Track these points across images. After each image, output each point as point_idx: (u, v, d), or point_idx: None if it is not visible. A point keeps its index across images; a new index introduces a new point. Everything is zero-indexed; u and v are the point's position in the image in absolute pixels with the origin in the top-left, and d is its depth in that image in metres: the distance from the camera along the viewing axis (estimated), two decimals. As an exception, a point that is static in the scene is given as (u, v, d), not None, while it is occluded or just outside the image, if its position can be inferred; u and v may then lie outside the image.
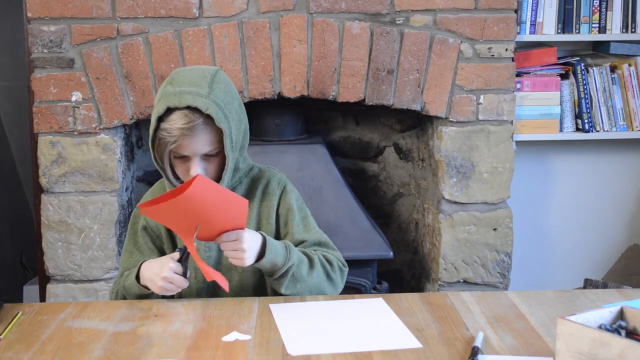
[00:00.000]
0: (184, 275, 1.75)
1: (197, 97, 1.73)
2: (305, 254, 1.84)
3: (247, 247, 1.72)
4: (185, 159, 1.79)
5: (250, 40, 2.78)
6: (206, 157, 1.80)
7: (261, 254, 1.75)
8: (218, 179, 1.82)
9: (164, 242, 1.92)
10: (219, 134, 1.76)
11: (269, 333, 1.60)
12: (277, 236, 1.91)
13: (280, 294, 1.83)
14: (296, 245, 1.87)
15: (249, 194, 1.91)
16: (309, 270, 1.82)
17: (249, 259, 1.73)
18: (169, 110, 1.74)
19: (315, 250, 1.88)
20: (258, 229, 1.90)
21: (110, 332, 1.62)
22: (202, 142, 1.76)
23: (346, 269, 1.91)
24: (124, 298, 1.85)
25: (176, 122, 1.73)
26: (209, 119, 1.74)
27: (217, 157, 1.80)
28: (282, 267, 1.77)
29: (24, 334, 1.62)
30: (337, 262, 1.89)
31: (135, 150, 3.12)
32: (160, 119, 1.75)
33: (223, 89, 1.78)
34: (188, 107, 1.73)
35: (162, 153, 1.79)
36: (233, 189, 1.89)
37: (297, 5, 2.78)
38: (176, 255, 1.76)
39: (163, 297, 1.82)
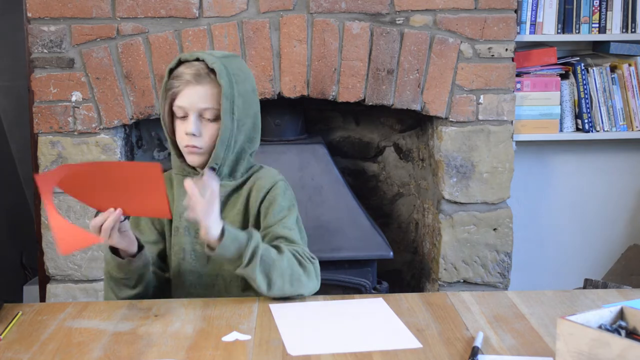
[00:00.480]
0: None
1: (207, 55, 1.85)
2: (269, 245, 1.80)
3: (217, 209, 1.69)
4: (184, 120, 1.85)
5: (250, 40, 2.78)
6: (204, 120, 1.84)
7: (221, 236, 1.71)
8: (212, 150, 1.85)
9: (164, 224, 1.94)
10: (220, 95, 1.82)
11: (269, 333, 1.60)
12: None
13: (262, 294, 1.77)
14: (261, 232, 1.85)
15: (242, 186, 1.91)
16: (278, 254, 1.76)
17: (214, 222, 1.68)
18: (180, 63, 1.86)
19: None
20: (243, 221, 1.89)
21: (110, 332, 1.62)
22: (202, 94, 1.83)
23: (316, 261, 1.84)
24: (112, 276, 1.83)
25: (184, 70, 1.84)
26: (214, 75, 1.82)
27: (216, 125, 1.84)
28: (247, 246, 1.71)
29: (24, 334, 1.62)
30: (303, 252, 1.83)
31: (135, 150, 3.12)
32: (171, 74, 1.86)
33: (237, 66, 1.88)
34: (197, 60, 1.85)
35: (167, 106, 1.86)
36: (233, 190, 1.90)
37: (297, 5, 2.78)
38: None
39: (163, 283, 1.83)
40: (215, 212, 1.69)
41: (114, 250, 1.78)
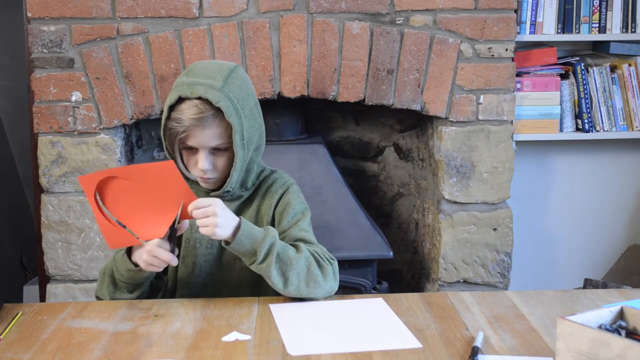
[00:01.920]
0: (172, 252, 1.71)
1: (210, 89, 1.74)
2: (288, 243, 1.80)
3: (220, 213, 1.67)
4: (194, 151, 1.80)
5: (250, 40, 2.78)
6: (215, 151, 1.80)
7: (236, 231, 1.71)
8: (227, 176, 1.82)
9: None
10: (229, 128, 1.76)
11: (269, 333, 1.60)
12: None
13: (279, 293, 1.78)
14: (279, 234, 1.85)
15: (253, 194, 1.91)
16: (295, 253, 1.75)
17: (221, 227, 1.67)
18: (181, 100, 1.75)
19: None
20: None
21: (110, 332, 1.62)
22: (210, 135, 1.76)
23: (335, 261, 1.83)
24: (112, 275, 1.81)
25: (186, 112, 1.74)
26: (219, 112, 1.74)
27: (227, 153, 1.80)
28: (263, 243, 1.71)
29: (24, 334, 1.62)
30: (323, 252, 1.83)
31: (135, 150, 3.12)
32: (172, 109, 1.76)
33: (239, 84, 1.78)
34: (199, 98, 1.74)
35: (172, 143, 1.79)
36: (246, 199, 1.90)
37: (297, 5, 2.78)
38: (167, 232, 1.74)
39: (156, 293, 1.83)
40: (222, 220, 1.68)
41: (128, 255, 1.78)
